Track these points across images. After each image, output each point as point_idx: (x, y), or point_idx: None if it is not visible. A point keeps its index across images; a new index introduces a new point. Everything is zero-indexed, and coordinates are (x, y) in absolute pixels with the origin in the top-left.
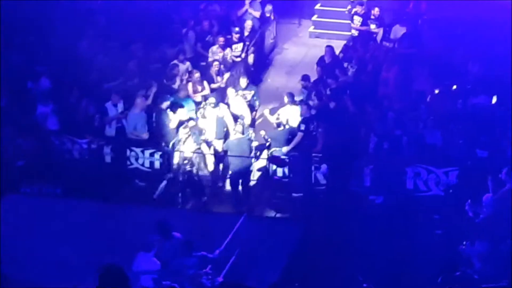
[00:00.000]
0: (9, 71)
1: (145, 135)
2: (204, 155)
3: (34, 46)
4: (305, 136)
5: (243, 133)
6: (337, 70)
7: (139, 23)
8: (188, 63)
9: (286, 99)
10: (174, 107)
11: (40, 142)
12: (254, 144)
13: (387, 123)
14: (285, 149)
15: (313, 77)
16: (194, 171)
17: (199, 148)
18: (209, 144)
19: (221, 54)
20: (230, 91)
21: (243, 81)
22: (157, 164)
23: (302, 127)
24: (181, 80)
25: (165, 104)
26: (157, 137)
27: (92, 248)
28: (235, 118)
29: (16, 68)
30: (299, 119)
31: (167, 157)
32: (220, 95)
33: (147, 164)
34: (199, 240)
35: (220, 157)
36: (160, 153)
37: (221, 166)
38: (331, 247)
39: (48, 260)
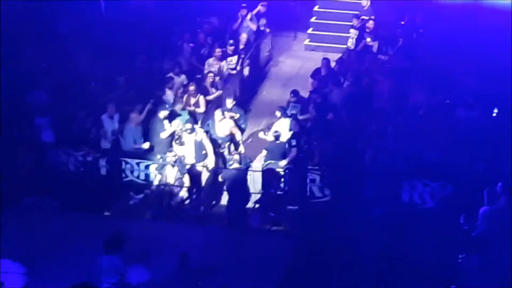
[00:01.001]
0: (7, 83)
1: (146, 145)
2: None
3: (32, 58)
4: (300, 149)
5: (240, 163)
6: (332, 83)
7: (136, 36)
8: (183, 76)
9: (278, 113)
10: (170, 117)
11: (36, 155)
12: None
13: (382, 136)
14: (282, 163)
15: (308, 89)
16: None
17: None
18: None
19: (217, 66)
20: (217, 113)
21: (229, 102)
22: (152, 176)
23: (294, 142)
24: (176, 93)
25: (163, 114)
26: (152, 148)
27: (89, 260)
28: (224, 140)
29: (14, 80)
30: (290, 133)
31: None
32: (214, 108)
33: (142, 176)
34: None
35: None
36: (155, 165)
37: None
38: (327, 260)
39: (45, 271)
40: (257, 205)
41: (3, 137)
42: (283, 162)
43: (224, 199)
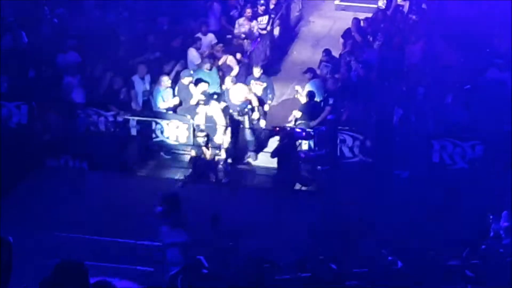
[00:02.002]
0: (37, 44)
1: (176, 100)
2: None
3: (63, 20)
4: (332, 110)
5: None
6: (363, 43)
7: None
8: (211, 35)
9: (308, 75)
10: (196, 82)
11: (66, 115)
12: None
13: (413, 96)
14: (312, 123)
15: (339, 49)
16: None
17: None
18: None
19: (247, 27)
20: (228, 81)
21: (257, 71)
22: (182, 138)
23: (330, 101)
24: (203, 53)
25: (187, 80)
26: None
27: (118, 221)
28: (241, 107)
29: (45, 41)
30: (322, 94)
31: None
32: (245, 70)
33: (172, 137)
34: (223, 214)
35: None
36: (186, 125)
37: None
38: (357, 221)
39: (73, 233)
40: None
41: (33, 97)
42: (314, 123)
43: (254, 159)
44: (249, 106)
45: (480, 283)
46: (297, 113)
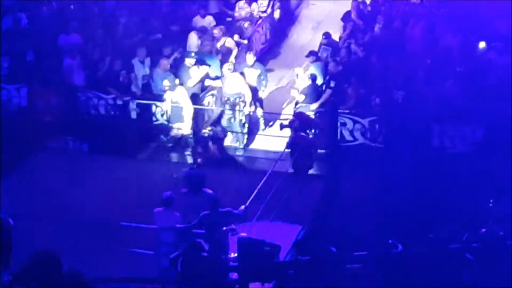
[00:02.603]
0: (38, 26)
1: (166, 83)
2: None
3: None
4: (333, 92)
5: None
6: (363, 26)
7: None
8: (210, 18)
9: (310, 58)
10: (197, 63)
11: (66, 98)
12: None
13: (413, 79)
14: (313, 105)
15: (339, 32)
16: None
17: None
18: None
19: (248, 10)
20: (225, 68)
21: (250, 58)
22: (182, 120)
23: (332, 83)
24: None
25: (189, 61)
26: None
27: (117, 203)
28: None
29: (45, 23)
30: (323, 76)
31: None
32: (245, 53)
33: (173, 120)
34: (224, 196)
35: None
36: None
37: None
38: (356, 204)
39: (72, 215)
40: (287, 150)
41: (33, 79)
42: (315, 105)
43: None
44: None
45: (480, 266)
46: (300, 97)
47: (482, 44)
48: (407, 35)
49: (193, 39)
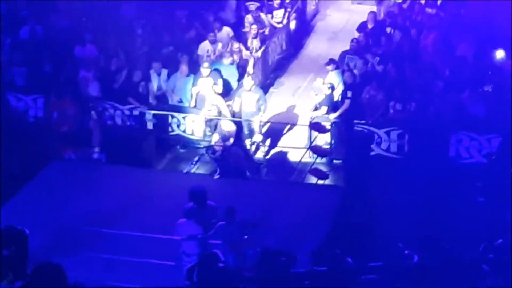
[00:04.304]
0: (54, 37)
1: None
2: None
3: (79, 12)
4: (352, 102)
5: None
6: (380, 36)
7: None
8: (228, 29)
9: (330, 67)
10: (213, 74)
11: (83, 109)
12: None
13: (429, 89)
14: (332, 115)
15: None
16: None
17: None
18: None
19: (263, 20)
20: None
21: (248, 82)
22: (198, 131)
23: (349, 94)
24: (222, 46)
25: (206, 71)
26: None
27: (133, 213)
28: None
29: (61, 35)
30: (342, 86)
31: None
32: (261, 64)
33: (188, 131)
34: (239, 207)
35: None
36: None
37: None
38: (372, 214)
39: (89, 225)
40: (303, 160)
41: (49, 91)
42: (333, 115)
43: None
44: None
45: (497, 278)
46: (321, 108)
47: (499, 53)
48: (422, 45)
49: (204, 49)
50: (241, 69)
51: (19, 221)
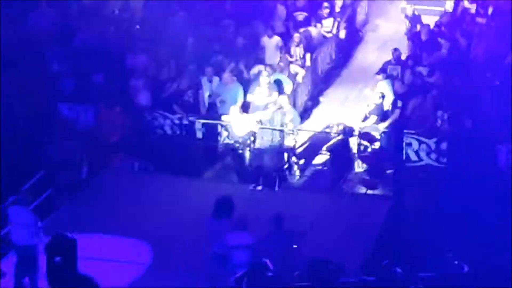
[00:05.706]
0: (105, 46)
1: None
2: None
3: (129, 23)
4: (401, 112)
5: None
6: (430, 47)
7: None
8: (277, 38)
9: (381, 76)
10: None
11: (132, 118)
12: None
13: (479, 99)
14: (382, 125)
15: (405, 53)
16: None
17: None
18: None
19: (311, 30)
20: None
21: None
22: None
23: (399, 103)
24: (273, 56)
25: (265, 80)
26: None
27: (182, 223)
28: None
29: (113, 44)
30: (392, 95)
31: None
32: (312, 73)
33: (239, 140)
34: (286, 216)
35: None
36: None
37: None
38: (422, 224)
39: (137, 235)
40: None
41: (100, 100)
42: (383, 125)
43: (319, 163)
44: None
45: None
46: (372, 118)
47: None
48: (472, 55)
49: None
50: (291, 78)
51: (70, 229)
